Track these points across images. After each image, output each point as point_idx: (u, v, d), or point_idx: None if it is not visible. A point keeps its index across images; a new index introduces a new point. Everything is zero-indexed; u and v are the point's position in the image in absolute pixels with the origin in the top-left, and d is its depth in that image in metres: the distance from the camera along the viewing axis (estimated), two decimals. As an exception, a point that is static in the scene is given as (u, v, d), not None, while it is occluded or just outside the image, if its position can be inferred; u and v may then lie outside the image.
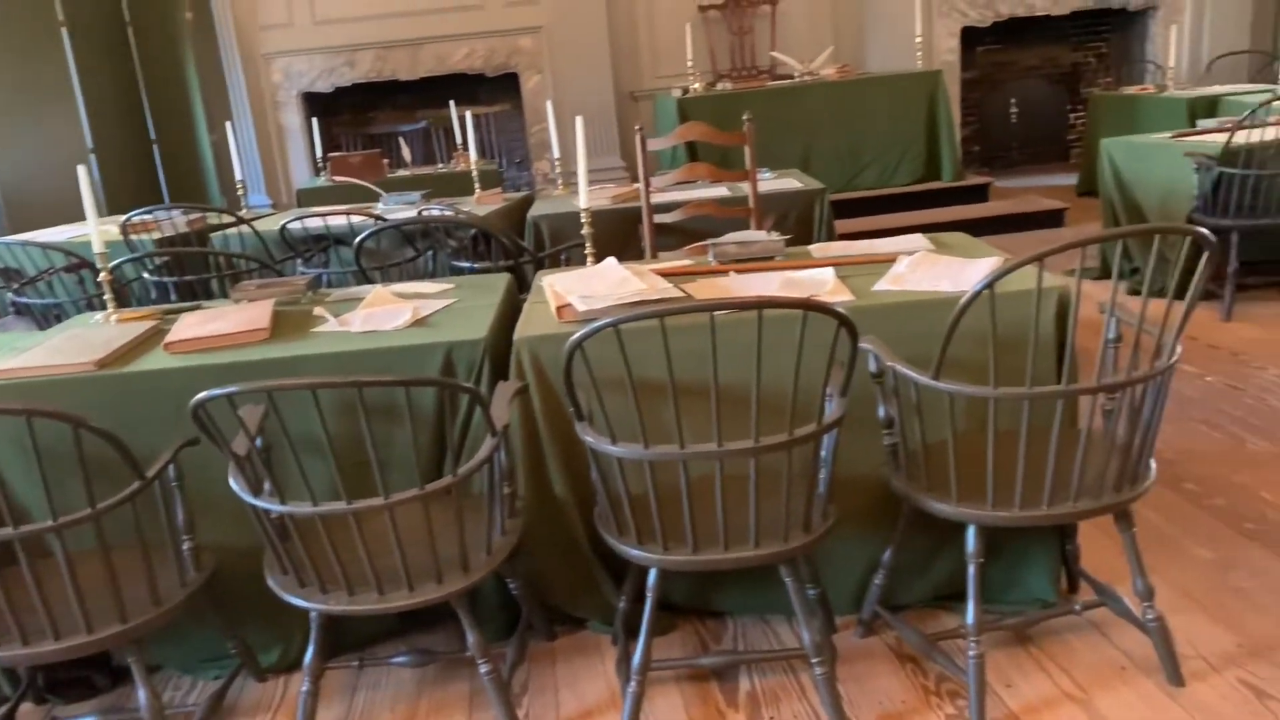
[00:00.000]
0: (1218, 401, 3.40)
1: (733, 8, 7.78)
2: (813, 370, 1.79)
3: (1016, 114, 8.59)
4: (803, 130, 6.63)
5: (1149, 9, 8.14)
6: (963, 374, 2.04)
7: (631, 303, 2.23)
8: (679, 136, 3.63)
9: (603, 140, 7.78)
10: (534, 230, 3.96)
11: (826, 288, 2.33)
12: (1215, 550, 2.48)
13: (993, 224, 6.39)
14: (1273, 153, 4.05)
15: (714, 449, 1.75)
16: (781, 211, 3.99)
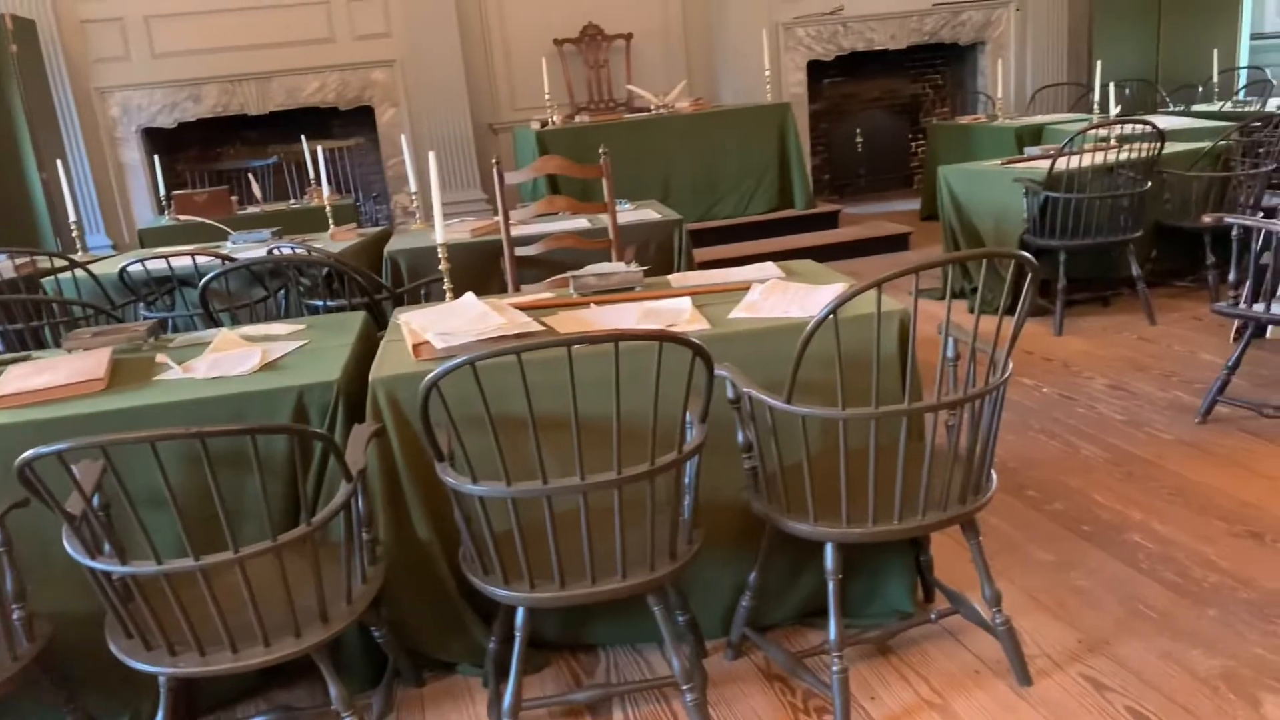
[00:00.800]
0: (1053, 411, 3.62)
1: (588, 42, 7.89)
2: (672, 398, 1.83)
3: (862, 143, 8.98)
4: (661, 162, 6.76)
5: (978, 43, 8.69)
6: (815, 396, 2.11)
7: (491, 338, 2.21)
8: (536, 170, 3.64)
9: (462, 173, 7.73)
10: (391, 266, 3.89)
11: (684, 317, 2.38)
12: (1055, 552, 2.64)
13: (843, 249, 6.66)
14: (1091, 177, 4.37)
15: (577, 483, 1.75)
16: (642, 242, 4.05)
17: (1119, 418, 3.49)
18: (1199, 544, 2.60)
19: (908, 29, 8.41)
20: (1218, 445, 3.18)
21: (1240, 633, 2.21)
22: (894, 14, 8.33)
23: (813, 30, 8.26)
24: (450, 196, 7.52)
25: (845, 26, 8.28)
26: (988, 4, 8.51)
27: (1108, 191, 4.38)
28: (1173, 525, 2.71)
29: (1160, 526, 2.71)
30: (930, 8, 8.38)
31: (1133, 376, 3.88)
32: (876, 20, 8.32)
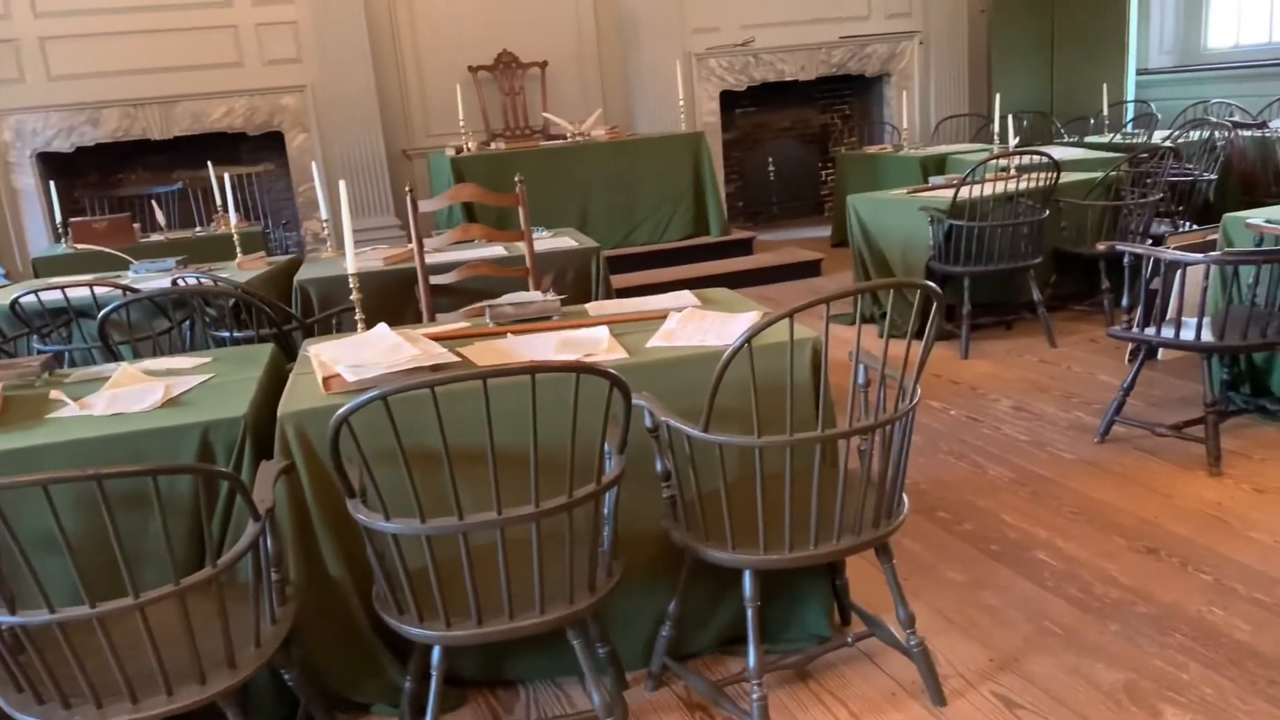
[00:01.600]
0: (961, 433, 3.72)
1: (503, 69, 7.88)
2: (590, 429, 1.82)
3: (774, 171, 9.15)
4: (578, 189, 6.78)
5: (884, 75, 8.96)
6: (732, 423, 2.13)
7: (404, 370, 2.18)
8: (451, 198, 3.61)
9: (375, 199, 7.62)
10: (301, 295, 3.81)
11: (601, 346, 2.38)
12: (966, 572, 2.70)
13: (758, 275, 6.77)
14: (992, 206, 4.53)
15: (494, 518, 1.73)
16: (559, 269, 4.05)
17: (1023, 438, 3.60)
18: (1100, 560, 2.70)
19: (816, 61, 8.62)
20: (1116, 464, 3.31)
21: (1140, 646, 2.29)
22: (803, 46, 8.53)
23: (725, 61, 8.40)
24: (363, 223, 7.41)
25: (756, 58, 8.45)
26: (892, 37, 8.78)
27: (1008, 219, 4.55)
28: (1076, 543, 2.80)
29: (1064, 544, 2.80)
30: (837, 40, 8.61)
31: (1035, 398, 4.02)
32: (786, 52, 8.51)
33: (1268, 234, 3.37)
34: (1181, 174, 5.44)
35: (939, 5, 8.76)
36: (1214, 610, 2.42)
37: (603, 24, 8.24)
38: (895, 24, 8.79)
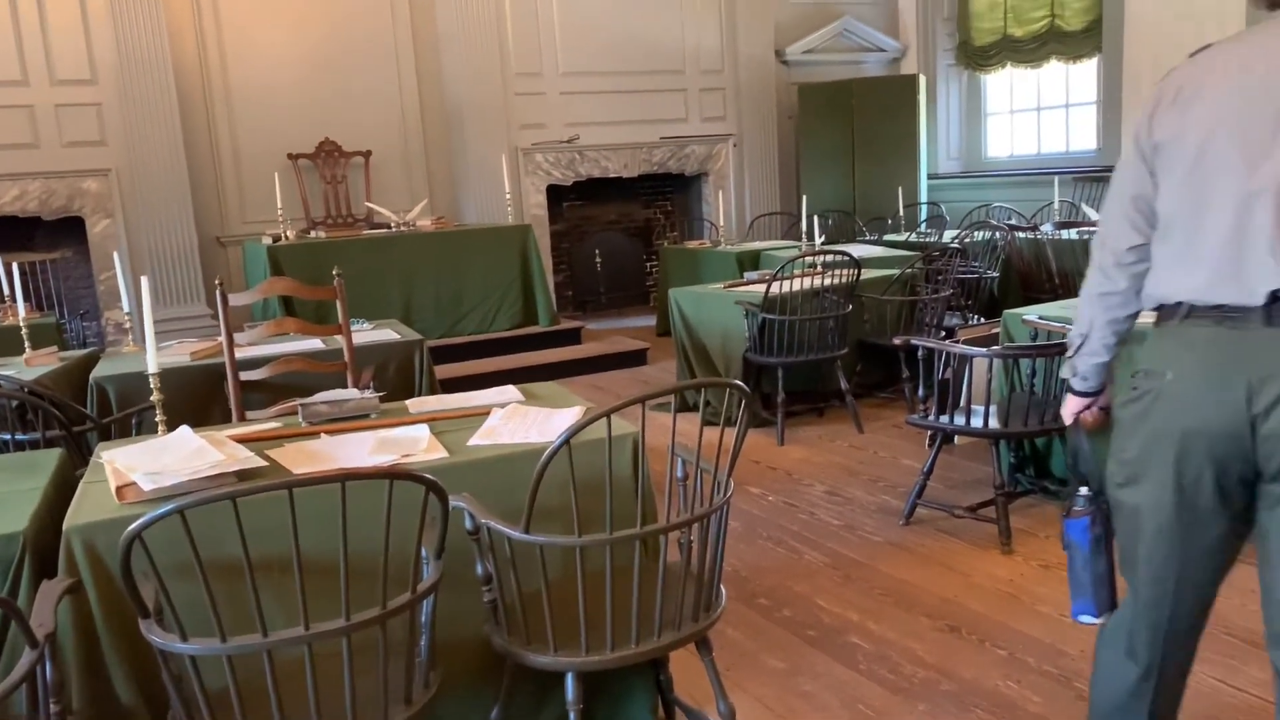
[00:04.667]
0: (779, 518, 3.86)
1: (324, 158, 7.78)
2: (407, 533, 1.78)
3: (601, 262, 9.37)
4: (402, 279, 6.72)
5: (702, 174, 9.41)
6: (556, 521, 2.14)
7: (207, 477, 2.07)
8: (263, 291, 3.51)
9: (186, 288, 7.28)
10: (98, 393, 3.57)
11: (421, 445, 2.34)
12: (785, 659, 2.77)
13: (587, 364, 6.86)
14: (801, 300, 4.80)
15: (301, 633, 1.65)
16: (380, 362, 3.97)
17: (836, 522, 3.77)
18: (908, 640, 2.83)
19: (639, 159, 8.97)
20: (920, 545, 3.51)
21: (945, 723, 2.41)
22: (626, 145, 8.86)
23: (551, 157, 8.61)
24: (173, 313, 7.06)
25: (581, 155, 8.71)
26: (709, 139, 9.26)
27: (815, 313, 4.82)
28: (885, 624, 2.94)
29: (875, 626, 2.93)
30: (658, 141, 9.00)
31: (847, 482, 4.22)
32: (610, 150, 8.81)
33: (1041, 329, 3.72)
34: (968, 271, 5.94)
35: (751, 111, 9.34)
36: (1010, 684, 2.58)
37: (428, 116, 8.30)
38: (711, 127, 9.29)
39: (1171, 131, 1.63)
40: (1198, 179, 1.60)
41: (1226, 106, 1.58)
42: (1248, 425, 1.55)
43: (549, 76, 8.50)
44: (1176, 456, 1.62)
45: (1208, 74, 1.62)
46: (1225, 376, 1.57)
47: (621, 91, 8.78)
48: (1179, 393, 1.61)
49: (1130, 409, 1.70)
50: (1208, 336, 1.59)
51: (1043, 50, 9.07)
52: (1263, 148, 1.54)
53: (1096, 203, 8.07)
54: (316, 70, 7.81)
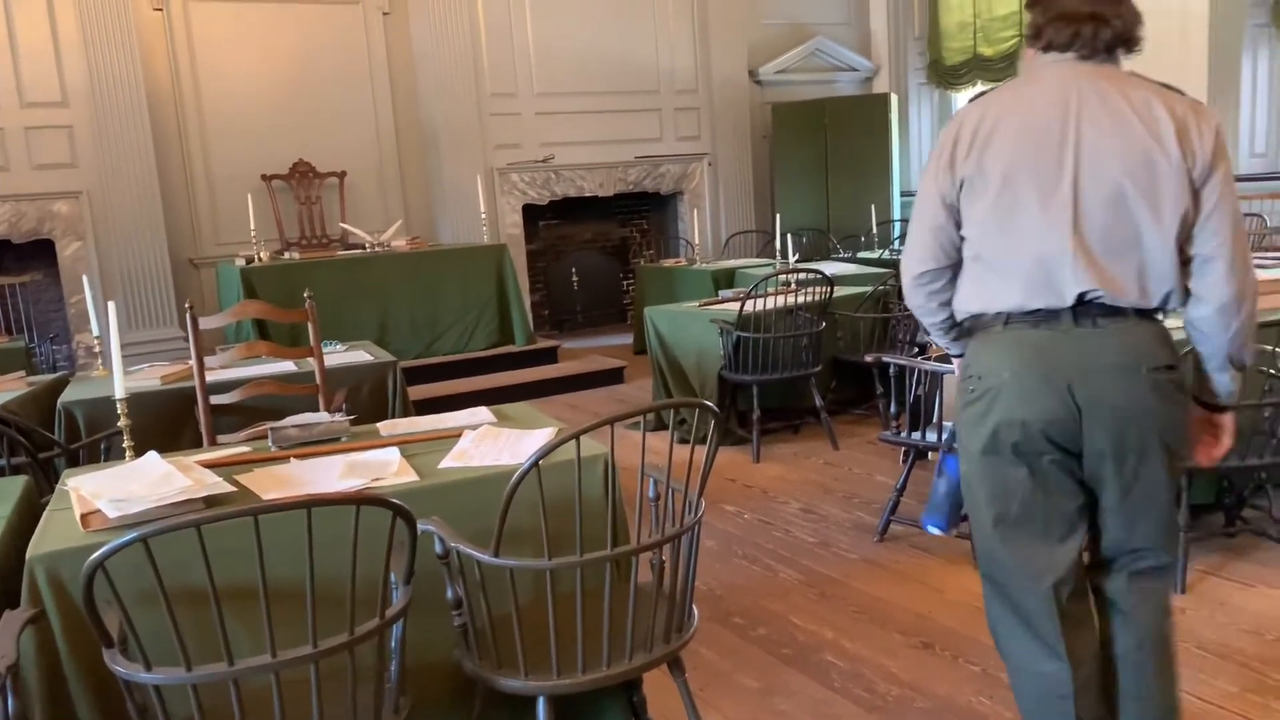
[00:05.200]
0: (754, 536, 3.86)
1: (299, 178, 7.76)
2: (376, 558, 1.77)
3: (578, 281, 9.38)
4: (378, 299, 6.70)
5: (678, 193, 9.45)
6: (526, 544, 2.13)
7: (173, 503, 2.05)
8: (235, 315, 3.49)
9: (159, 310, 7.23)
10: (66, 419, 3.53)
11: (391, 469, 2.33)
12: (760, 678, 2.77)
13: (563, 383, 6.85)
14: (775, 318, 4.83)
15: (268, 661, 1.64)
16: (353, 385, 3.95)
17: (811, 540, 3.78)
18: (882, 658, 2.84)
19: (614, 178, 9.00)
20: (894, 561, 3.52)
21: (919, 740, 2.42)
22: (601, 164, 8.90)
23: (526, 176, 8.63)
24: (145, 335, 7.00)
25: (557, 174, 8.73)
26: (683, 159, 9.31)
27: (790, 331, 4.85)
28: (860, 642, 2.94)
29: (849, 644, 2.93)
30: (633, 160, 9.04)
31: (821, 499, 4.24)
32: (585, 169, 8.84)
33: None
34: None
35: (725, 131, 9.40)
36: (982, 700, 2.59)
37: (403, 136, 8.31)
38: (686, 146, 9.34)
39: (974, 168, 1.87)
40: (1003, 206, 1.85)
41: (1020, 143, 1.84)
42: (1073, 413, 1.82)
43: (524, 97, 8.53)
44: (1019, 442, 1.86)
45: (1000, 117, 1.87)
46: (1051, 370, 1.83)
47: (596, 111, 8.82)
48: (1017, 388, 1.85)
49: (973, 409, 1.92)
50: (1030, 338, 1.85)
51: (1012, 69, 9.19)
52: (1054, 178, 1.83)
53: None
54: (291, 91, 7.80)
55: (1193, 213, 1.81)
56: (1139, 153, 1.80)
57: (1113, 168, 1.81)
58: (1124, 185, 1.81)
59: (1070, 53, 1.87)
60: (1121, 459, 1.83)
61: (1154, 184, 1.80)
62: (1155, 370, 1.82)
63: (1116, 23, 1.85)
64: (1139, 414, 1.82)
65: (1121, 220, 1.82)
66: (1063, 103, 1.84)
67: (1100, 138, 1.81)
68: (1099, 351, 1.82)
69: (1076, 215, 1.82)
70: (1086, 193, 1.82)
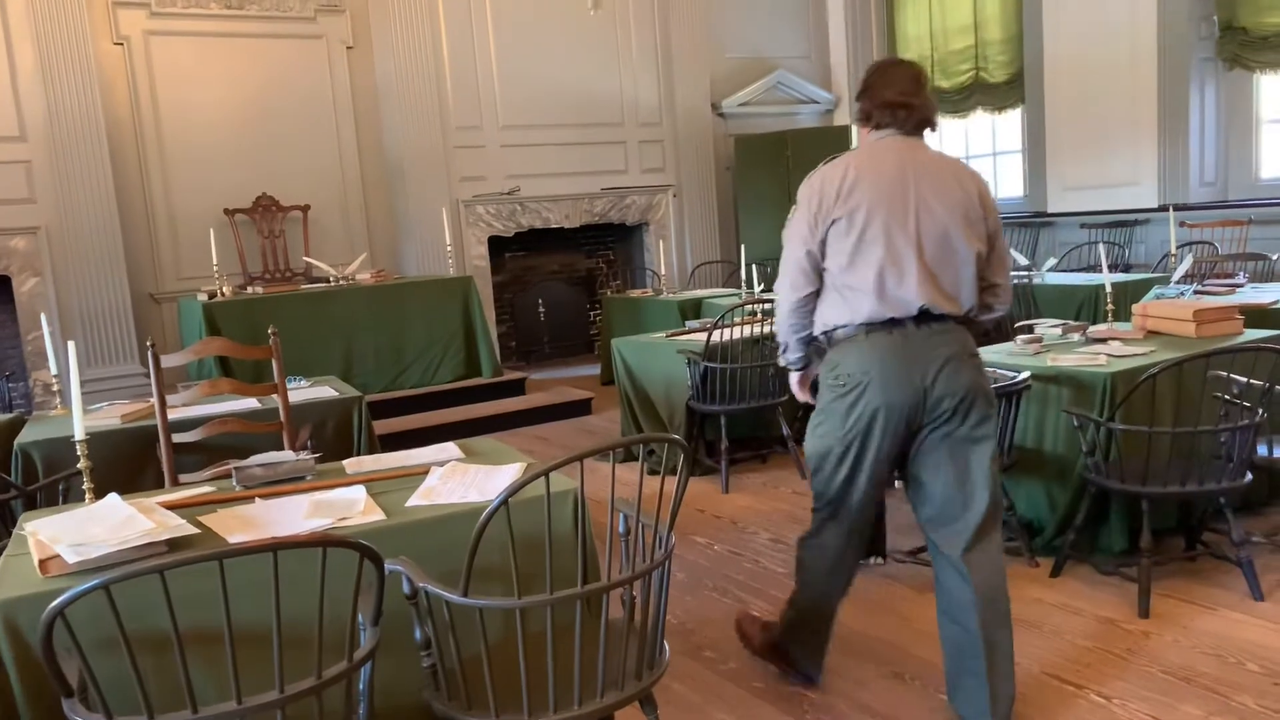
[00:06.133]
0: (724, 568, 3.86)
1: (262, 212, 7.71)
2: (343, 600, 1.75)
3: (545, 312, 9.38)
4: (342, 333, 6.65)
5: (643, 224, 9.50)
6: (497, 581, 2.12)
7: (136, 546, 2.02)
8: (197, 352, 3.45)
9: (119, 347, 7.12)
10: (23, 460, 3.46)
11: (357, 508, 2.31)
12: (733, 712, 2.76)
13: (531, 415, 6.83)
14: (742, 348, 4.85)
15: (233, 708, 1.61)
16: (318, 420, 3.91)
17: (781, 570, 3.77)
18: (855, 689, 2.84)
19: (580, 210, 9.04)
20: (863, 590, 3.52)
21: (891, 771, 2.42)
22: (567, 196, 8.93)
23: (492, 208, 8.64)
24: (105, 372, 6.91)
25: (523, 206, 8.76)
26: (649, 190, 9.38)
27: (756, 360, 4.87)
28: (831, 673, 2.94)
29: (821, 675, 2.93)
30: (599, 192, 9.09)
31: (791, 529, 4.23)
32: (551, 201, 8.87)
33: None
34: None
35: (690, 162, 9.49)
36: (953, 728, 2.59)
37: (367, 169, 8.30)
38: (651, 178, 9.42)
39: (842, 212, 2.46)
40: (865, 241, 2.45)
41: (876, 195, 2.45)
42: (921, 395, 2.44)
43: (489, 129, 8.56)
44: (884, 420, 2.46)
45: (860, 175, 2.47)
46: (904, 367, 2.44)
47: (562, 144, 8.87)
48: (880, 380, 2.44)
49: (843, 400, 2.50)
50: (887, 342, 2.45)
51: (969, 101, 9.39)
52: (902, 220, 2.44)
53: (1025, 248, 8.33)
54: (253, 125, 7.77)
55: (985, 252, 2.51)
56: (959, 206, 2.47)
57: (941, 216, 2.45)
58: (949, 229, 2.45)
59: (892, 129, 2.53)
60: (962, 420, 2.47)
61: (967, 229, 2.47)
62: (973, 356, 2.52)
63: (920, 110, 2.52)
64: (976, 389, 2.48)
65: (947, 254, 2.46)
66: (902, 166, 2.47)
67: (932, 194, 2.45)
68: (938, 346, 2.45)
69: (919, 249, 2.44)
70: (925, 233, 2.44)
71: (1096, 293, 5.51)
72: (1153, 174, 7.70)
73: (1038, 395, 3.64)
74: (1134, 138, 7.78)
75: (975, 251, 2.47)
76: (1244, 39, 7.22)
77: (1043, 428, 3.66)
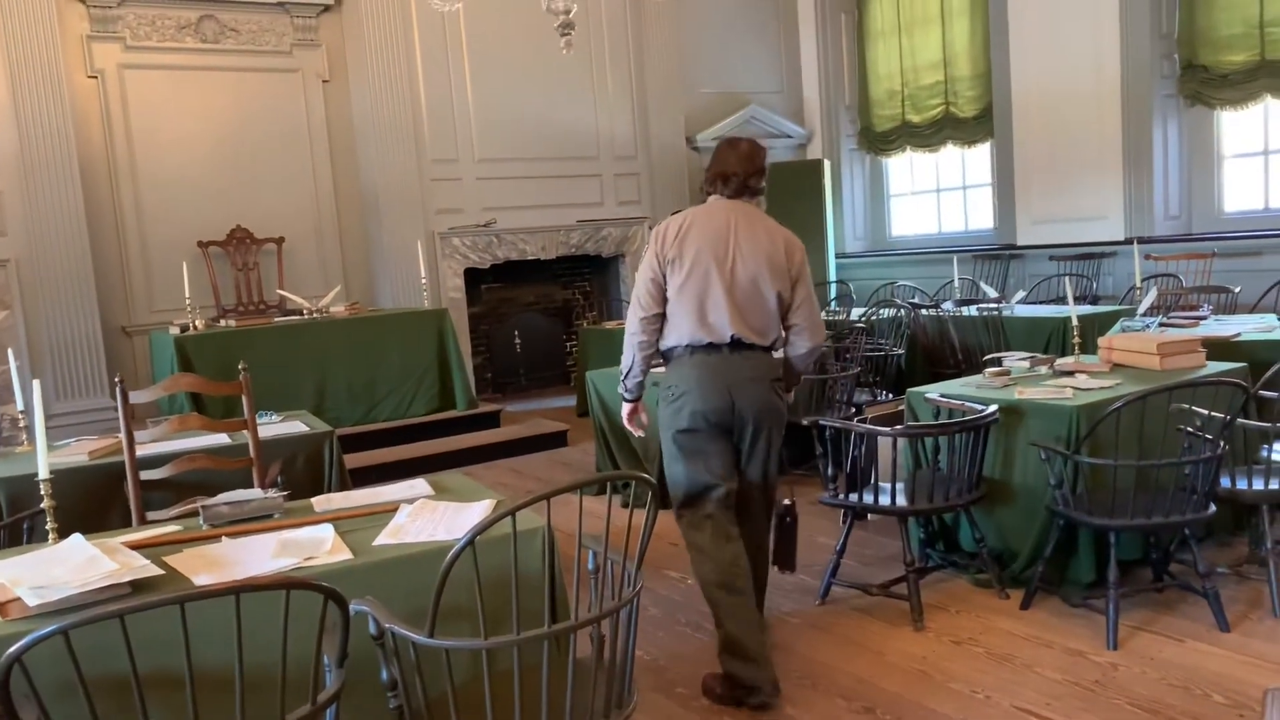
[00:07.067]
0: (697, 603, 3.81)
1: (236, 244, 7.69)
2: (307, 642, 1.74)
3: (521, 344, 9.37)
4: (315, 367, 6.62)
5: (619, 256, 9.55)
6: (464, 621, 2.11)
7: (98, 588, 2.00)
8: (166, 389, 3.44)
9: (89, 381, 7.05)
10: (-13, 498, 3.42)
11: (324, 547, 2.30)
12: (703, 749, 2.75)
13: (506, 448, 6.81)
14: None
15: (193, 753, 1.59)
16: (288, 456, 3.89)
17: (754, 605, 3.77)
18: (824, 724, 2.84)
19: (556, 242, 9.08)
20: (835, 625, 3.54)
21: (861, 808, 2.41)
22: (543, 228, 8.97)
23: (468, 240, 8.66)
24: (74, 406, 6.84)
25: (499, 238, 8.78)
26: (624, 222, 9.43)
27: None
28: (802, 708, 2.94)
29: (792, 710, 2.93)
30: (575, 224, 9.14)
31: (764, 563, 4.23)
32: (527, 233, 8.90)
33: (943, 406, 3.84)
34: (875, 349, 6.12)
35: (665, 195, 9.56)
36: (923, 764, 2.60)
37: (343, 202, 8.31)
38: (626, 210, 9.48)
39: (678, 251, 3.03)
40: (693, 278, 3.02)
41: (703, 242, 3.03)
42: (731, 404, 3.02)
43: (465, 162, 8.60)
44: (704, 421, 3.03)
45: (693, 225, 3.07)
46: (717, 382, 3.02)
47: (538, 176, 8.92)
48: (699, 391, 3.02)
49: (673, 405, 3.08)
50: (706, 361, 3.03)
51: (939, 135, 9.53)
52: (723, 265, 3.01)
53: (995, 280, 8.43)
54: (228, 157, 7.77)
55: (789, 297, 3.09)
56: (767, 256, 3.03)
57: (752, 264, 3.02)
58: (759, 274, 3.02)
59: (725, 192, 3.13)
60: (756, 433, 3.09)
61: (773, 276, 3.04)
62: (773, 381, 3.11)
63: (739, 178, 3.11)
64: (765, 407, 3.07)
65: (756, 295, 3.03)
66: (729, 222, 3.06)
67: (748, 244, 3.03)
68: (743, 369, 3.03)
69: (733, 289, 3.00)
70: (739, 276, 3.01)
71: (1065, 325, 5.59)
72: (1119, 207, 7.84)
73: (1006, 428, 3.68)
74: (1100, 172, 7.92)
75: (777, 293, 3.04)
76: (1204, 77, 7.39)
77: (1011, 460, 3.70)
